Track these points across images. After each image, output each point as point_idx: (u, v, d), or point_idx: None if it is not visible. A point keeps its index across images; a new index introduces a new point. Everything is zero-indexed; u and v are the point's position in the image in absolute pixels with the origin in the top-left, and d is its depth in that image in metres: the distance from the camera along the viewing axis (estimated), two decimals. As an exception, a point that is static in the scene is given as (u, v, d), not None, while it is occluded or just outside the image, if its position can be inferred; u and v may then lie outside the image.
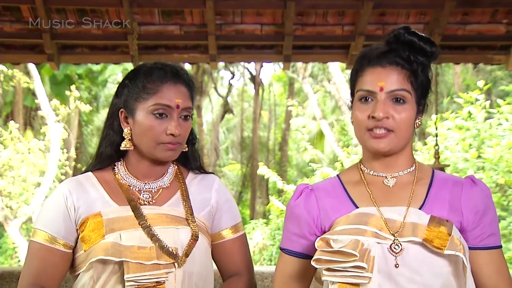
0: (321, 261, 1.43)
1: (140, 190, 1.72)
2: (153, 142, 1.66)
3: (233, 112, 21.84)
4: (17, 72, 11.12)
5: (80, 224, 1.65)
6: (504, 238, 7.72)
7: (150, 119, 1.65)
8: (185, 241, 1.66)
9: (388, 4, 4.18)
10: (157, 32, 4.30)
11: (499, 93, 12.99)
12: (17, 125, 10.55)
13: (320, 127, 15.45)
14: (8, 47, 4.39)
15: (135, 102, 1.67)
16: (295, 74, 16.09)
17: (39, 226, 1.67)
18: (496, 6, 4.16)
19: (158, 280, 1.59)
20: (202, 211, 1.76)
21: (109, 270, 1.59)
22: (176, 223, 1.68)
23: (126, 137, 1.70)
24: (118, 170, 1.74)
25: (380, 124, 1.49)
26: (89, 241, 1.62)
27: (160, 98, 1.65)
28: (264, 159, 18.77)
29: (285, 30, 4.24)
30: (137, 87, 1.68)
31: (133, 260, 1.56)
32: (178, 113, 1.67)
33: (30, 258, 1.66)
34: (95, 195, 1.69)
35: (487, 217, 1.53)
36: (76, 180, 1.73)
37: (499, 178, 7.34)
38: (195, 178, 1.83)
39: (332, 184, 1.62)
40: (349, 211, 1.53)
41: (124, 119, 1.71)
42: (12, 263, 10.25)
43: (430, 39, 1.54)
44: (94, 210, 1.65)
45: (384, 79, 1.50)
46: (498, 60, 4.56)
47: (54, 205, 1.68)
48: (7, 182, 9.89)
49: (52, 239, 1.64)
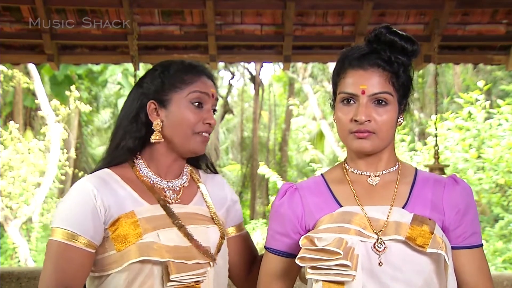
0: (305, 259, 1.44)
1: (163, 188, 1.69)
2: (190, 131, 1.64)
3: (233, 112, 21.85)
4: (17, 73, 11.11)
5: (111, 223, 1.58)
6: (504, 238, 7.72)
7: (189, 108, 1.65)
8: (215, 240, 1.67)
9: (388, 5, 4.18)
10: (157, 33, 4.30)
11: (499, 93, 13.00)
12: (17, 125, 10.53)
13: (320, 127, 15.46)
14: (8, 48, 4.39)
15: (170, 93, 1.66)
16: (295, 74, 16.10)
17: (61, 225, 1.57)
18: (496, 6, 4.16)
19: (197, 280, 1.58)
20: (221, 209, 1.77)
21: (147, 271, 1.55)
22: (206, 222, 1.68)
23: (156, 129, 1.65)
24: (139, 166, 1.69)
25: (363, 127, 1.50)
26: (124, 241, 1.56)
27: (198, 87, 1.67)
28: (264, 159, 18.77)
29: (285, 30, 4.24)
30: (173, 78, 1.67)
31: (177, 260, 1.54)
32: (212, 103, 1.69)
33: (51, 259, 1.56)
34: (123, 193, 1.63)
35: (469, 216, 1.55)
36: (99, 177, 1.64)
37: (499, 178, 7.35)
38: (208, 176, 1.83)
39: (316, 183, 1.63)
40: (333, 210, 1.54)
41: (153, 111, 1.67)
42: (12, 263, 10.25)
43: (411, 37, 1.54)
44: (126, 209, 1.60)
45: (365, 82, 1.50)
46: (498, 60, 4.56)
47: (81, 204, 1.59)
48: (7, 182, 9.88)
49: (76, 237, 1.55)
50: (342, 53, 1.60)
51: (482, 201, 7.92)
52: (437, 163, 4.51)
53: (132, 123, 1.68)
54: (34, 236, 10.67)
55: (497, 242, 7.44)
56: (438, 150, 4.57)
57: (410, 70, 1.57)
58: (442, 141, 7.78)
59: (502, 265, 7.05)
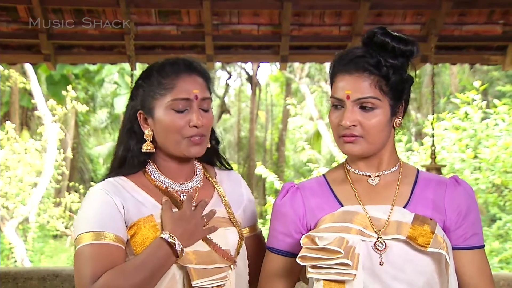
0: (306, 258, 1.44)
1: (177, 192, 1.66)
2: (178, 137, 1.60)
3: (230, 112, 21.85)
4: (13, 72, 11.09)
5: (130, 226, 1.57)
6: (501, 238, 7.74)
7: (171, 114, 1.60)
8: (234, 242, 1.65)
9: (385, 5, 4.18)
10: (154, 33, 4.29)
11: (495, 93, 13.03)
12: (14, 125, 10.50)
13: (317, 127, 15.47)
14: (4, 47, 4.38)
15: (153, 100, 1.62)
16: (292, 74, 16.12)
17: (85, 230, 1.53)
18: (492, 6, 4.17)
19: (219, 284, 1.55)
20: (238, 209, 1.74)
21: (170, 276, 1.53)
22: (224, 224, 1.65)
23: (148, 139, 1.64)
24: (150, 172, 1.67)
25: (348, 131, 1.51)
26: (143, 245, 1.54)
27: (178, 93, 1.60)
28: (261, 159, 18.78)
29: (282, 30, 4.24)
30: (152, 85, 1.63)
31: (197, 266, 1.52)
32: (197, 104, 1.62)
33: (86, 261, 1.50)
34: (140, 197, 1.61)
35: (470, 217, 1.55)
36: (111, 183, 1.63)
37: (495, 178, 7.37)
38: (223, 173, 1.80)
39: (318, 182, 1.64)
40: (334, 210, 1.55)
41: (144, 121, 1.66)
42: (8, 263, 10.22)
43: (405, 38, 1.52)
44: (144, 213, 1.58)
45: (350, 87, 1.50)
46: (494, 61, 4.57)
47: (100, 205, 1.57)
48: (3, 183, 9.86)
49: (103, 234, 1.52)
50: (335, 55, 1.60)
51: (479, 201, 7.93)
52: (433, 163, 4.51)
53: (129, 136, 1.68)
54: (30, 236, 10.66)
55: (494, 242, 7.46)
56: (435, 150, 4.58)
57: (404, 71, 1.55)
58: (439, 141, 7.79)
59: (499, 265, 7.07)
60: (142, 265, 1.49)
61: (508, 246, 7.28)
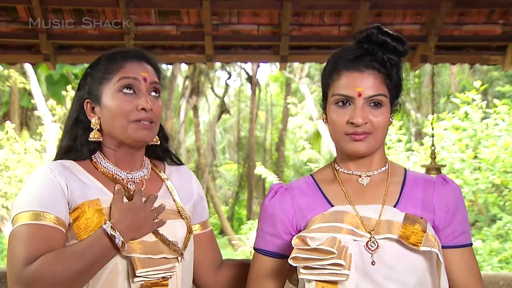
0: (298, 259, 1.43)
1: (123, 179, 1.61)
2: (125, 121, 1.55)
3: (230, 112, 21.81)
4: (13, 72, 11.10)
5: (73, 209, 1.49)
6: (501, 238, 7.74)
7: (119, 97, 1.55)
8: (182, 235, 1.61)
9: (385, 5, 4.19)
10: (154, 33, 4.30)
11: (495, 93, 13.04)
12: (13, 125, 10.52)
13: (317, 127, 15.47)
14: (4, 47, 4.39)
15: (100, 86, 1.58)
16: (291, 74, 16.11)
17: (23, 209, 1.45)
18: (492, 6, 4.17)
19: (164, 275, 1.50)
20: (187, 203, 1.71)
21: (110, 267, 1.46)
22: (173, 216, 1.62)
23: (95, 128, 1.59)
24: (97, 159, 1.62)
25: (359, 129, 1.50)
26: (87, 230, 1.47)
27: (125, 72, 1.57)
28: (261, 159, 18.78)
29: (281, 30, 4.24)
30: (100, 71, 1.60)
31: (142, 255, 1.46)
32: (146, 88, 1.58)
33: (20, 242, 1.41)
34: (87, 181, 1.55)
35: (459, 215, 1.56)
36: (60, 163, 1.57)
37: (495, 178, 7.36)
38: (173, 169, 1.77)
39: (306, 183, 1.63)
40: (324, 210, 1.54)
41: (91, 110, 1.61)
42: (8, 263, 10.23)
43: (401, 38, 1.54)
44: (90, 197, 1.51)
45: (361, 84, 1.50)
46: (494, 61, 4.58)
47: (43, 184, 1.49)
48: (3, 183, 9.87)
49: (42, 215, 1.44)
50: (334, 54, 1.61)
51: (479, 201, 7.93)
52: (433, 163, 4.52)
53: (75, 125, 1.63)
54: (30, 236, 10.65)
55: (493, 242, 7.46)
56: (435, 150, 4.58)
57: (401, 70, 1.57)
58: (438, 141, 7.79)
59: (498, 264, 7.06)
60: (83, 253, 1.41)
61: (508, 246, 7.28)
